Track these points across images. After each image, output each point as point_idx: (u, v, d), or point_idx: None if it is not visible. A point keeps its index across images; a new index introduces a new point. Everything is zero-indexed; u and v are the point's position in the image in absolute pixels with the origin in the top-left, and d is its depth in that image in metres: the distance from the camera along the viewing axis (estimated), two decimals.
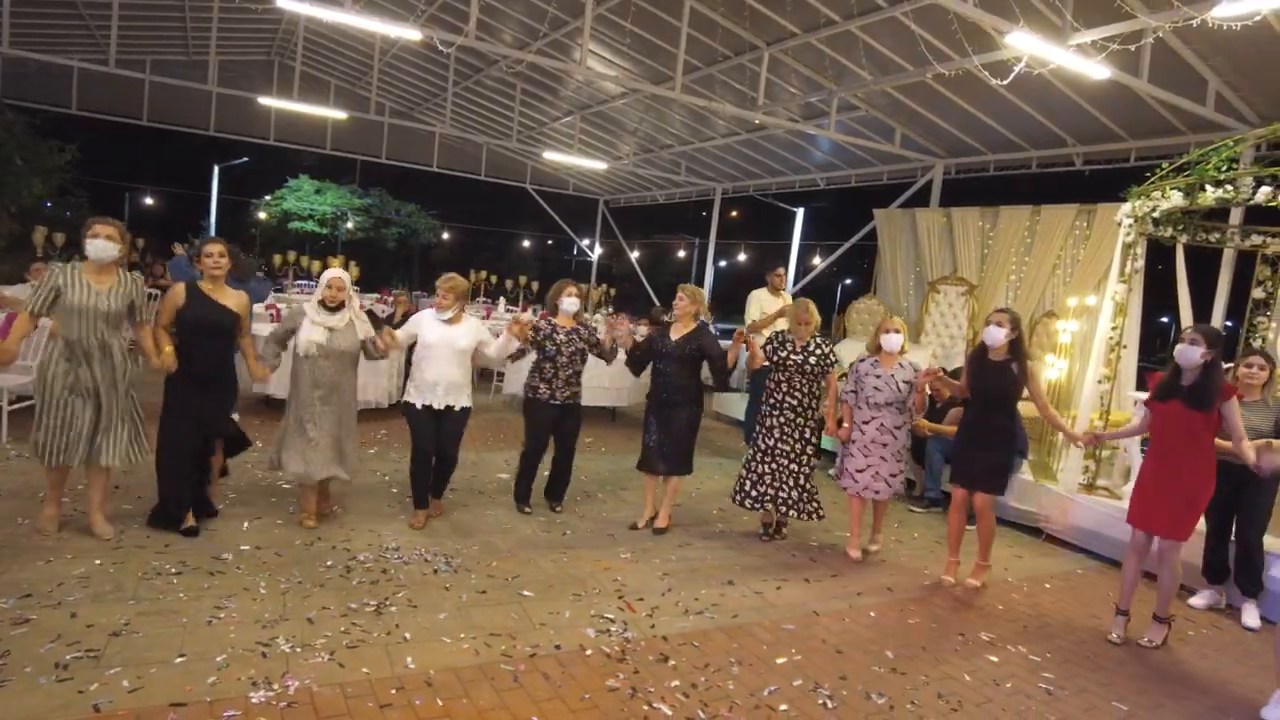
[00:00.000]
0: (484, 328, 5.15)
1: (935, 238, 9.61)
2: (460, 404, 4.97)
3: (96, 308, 4.04)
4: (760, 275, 8.64)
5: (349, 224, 25.11)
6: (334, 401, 4.64)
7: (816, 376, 5.20)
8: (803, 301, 5.35)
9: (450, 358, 4.91)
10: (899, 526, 6.09)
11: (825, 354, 5.18)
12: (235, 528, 4.58)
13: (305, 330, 4.56)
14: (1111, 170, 9.14)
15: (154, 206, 27.80)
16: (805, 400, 5.21)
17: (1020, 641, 4.15)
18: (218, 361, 4.46)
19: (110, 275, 4.13)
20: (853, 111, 10.13)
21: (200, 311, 4.36)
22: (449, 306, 4.94)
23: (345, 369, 4.69)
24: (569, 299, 5.40)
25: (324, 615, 3.59)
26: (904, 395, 5.11)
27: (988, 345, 4.72)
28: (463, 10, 9.52)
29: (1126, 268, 6.02)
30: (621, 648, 3.58)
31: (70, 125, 13.90)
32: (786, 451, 5.21)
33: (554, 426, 5.41)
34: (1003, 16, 5.96)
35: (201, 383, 4.37)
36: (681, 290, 5.41)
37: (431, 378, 4.90)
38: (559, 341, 5.30)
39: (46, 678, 2.87)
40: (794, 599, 4.41)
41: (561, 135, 15.41)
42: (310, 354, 4.54)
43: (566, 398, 5.34)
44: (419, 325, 5.01)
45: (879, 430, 5.14)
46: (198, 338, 4.36)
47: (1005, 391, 4.70)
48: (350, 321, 4.69)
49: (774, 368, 5.26)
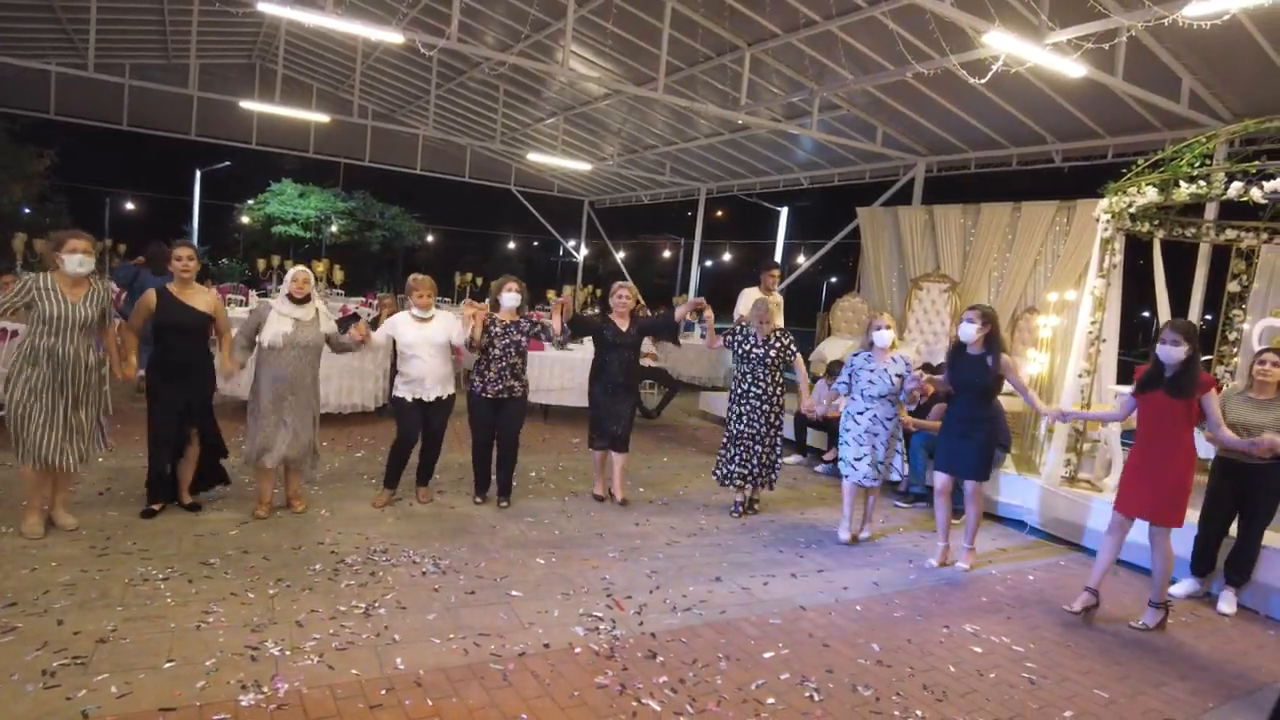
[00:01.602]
0: (455, 320, 5.39)
1: (918, 235, 9.70)
2: (448, 393, 5.33)
3: (73, 318, 4.17)
4: (746, 274, 8.68)
5: (333, 227, 25.00)
6: (296, 393, 4.81)
7: (777, 368, 5.69)
8: (761, 300, 5.85)
9: (433, 353, 5.23)
10: (884, 522, 6.15)
11: (785, 346, 5.71)
12: (222, 532, 4.57)
13: (272, 322, 4.74)
14: (1090, 167, 9.25)
15: (135, 212, 27.58)
16: (768, 389, 5.69)
17: (1003, 633, 4.21)
18: (191, 352, 4.70)
19: (83, 285, 4.26)
20: (834, 111, 10.20)
21: (171, 316, 4.61)
22: (426, 306, 5.28)
23: (308, 363, 4.87)
24: (509, 294, 5.42)
25: (313, 618, 3.59)
26: (897, 388, 5.35)
27: (963, 340, 4.95)
28: (445, 13, 9.52)
29: (1105, 263, 6.10)
30: (610, 645, 3.61)
31: (49, 130, 13.77)
32: (752, 435, 5.71)
33: (491, 420, 5.45)
34: (980, 16, 6.03)
35: (179, 370, 4.63)
36: (622, 286, 5.93)
37: (418, 374, 5.22)
38: (493, 334, 5.36)
39: (33, 685, 2.86)
40: (781, 594, 4.45)
41: (545, 137, 15.41)
42: (276, 345, 4.70)
43: (499, 391, 5.37)
44: (395, 328, 5.31)
45: (872, 420, 5.38)
46: (170, 336, 4.64)
47: (983, 383, 4.93)
48: (316, 315, 4.89)
49: (738, 361, 5.77)
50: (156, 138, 15.21)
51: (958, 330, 4.97)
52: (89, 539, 4.28)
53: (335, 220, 25.01)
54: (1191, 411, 4.22)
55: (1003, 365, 4.86)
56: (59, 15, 11.60)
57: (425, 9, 10.47)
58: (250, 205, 25.01)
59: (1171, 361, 4.20)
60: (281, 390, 4.77)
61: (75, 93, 13.60)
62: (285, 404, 4.79)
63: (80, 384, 4.23)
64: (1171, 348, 4.17)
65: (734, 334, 5.82)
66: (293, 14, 7.31)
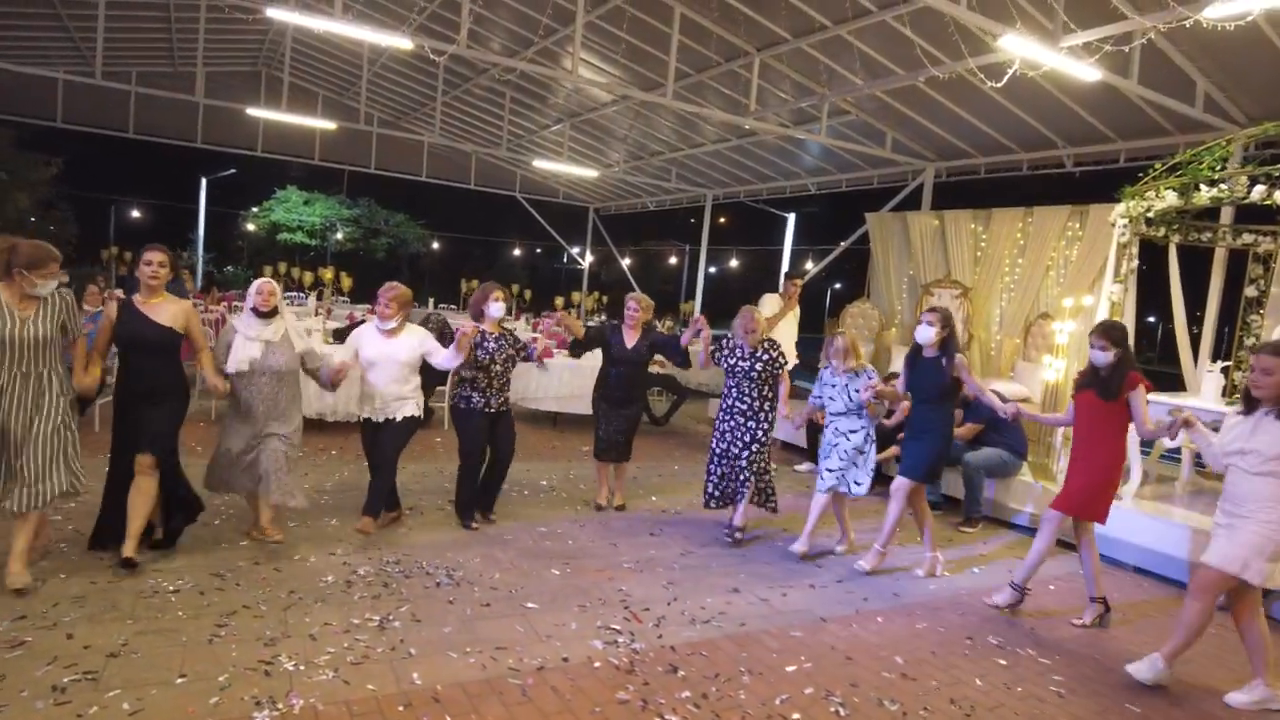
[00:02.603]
0: (429, 337, 4.94)
1: (928, 241, 9.65)
2: (401, 414, 4.79)
3: (23, 338, 3.58)
4: (755, 280, 8.64)
5: (338, 235, 25.00)
6: (270, 419, 4.37)
7: (764, 381, 5.28)
8: (749, 309, 5.38)
9: (391, 371, 4.74)
10: (901, 531, 6.04)
11: (773, 358, 5.27)
12: (232, 543, 4.51)
13: (237, 347, 4.28)
14: (1102, 171, 9.20)
15: (140, 220, 27.61)
16: (754, 404, 5.29)
17: (1029, 645, 4.13)
18: (156, 375, 4.09)
19: (36, 299, 3.67)
20: (843, 116, 10.16)
21: (132, 327, 4.04)
22: (391, 316, 4.77)
23: (282, 389, 4.41)
24: (496, 304, 5.20)
25: (326, 631, 3.53)
26: (855, 404, 5.13)
27: (920, 343, 4.91)
28: (453, 20, 9.51)
29: (1122, 268, 6.04)
30: (630, 659, 3.53)
31: (55, 138, 13.75)
32: (738, 454, 5.31)
33: (489, 435, 5.25)
34: (995, 19, 5.97)
35: (144, 397, 4.05)
36: (634, 299, 5.73)
37: (370, 390, 4.78)
38: (490, 349, 5.12)
39: (44, 702, 2.80)
40: (801, 606, 4.37)
41: (551, 143, 15.38)
42: (243, 370, 4.27)
43: (500, 404, 5.23)
44: (359, 340, 4.83)
45: (834, 434, 5.21)
46: (133, 354, 4.08)
47: (937, 384, 4.89)
48: (285, 334, 4.43)
49: (725, 375, 5.42)
50: (162, 145, 15.19)
51: (915, 332, 4.92)
52: (98, 551, 4.21)
53: (340, 227, 25.00)
54: (1122, 412, 4.27)
55: (957, 366, 4.80)
56: (66, 23, 11.60)
57: (433, 15, 10.45)
58: (255, 213, 25.01)
59: (1101, 364, 4.28)
60: (256, 419, 4.32)
61: (82, 100, 13.55)
62: (258, 440, 4.33)
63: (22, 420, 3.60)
64: (1099, 352, 4.27)
65: (720, 347, 5.44)
66: (302, 20, 7.29)
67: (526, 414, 9.21)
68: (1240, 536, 3.54)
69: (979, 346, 8.95)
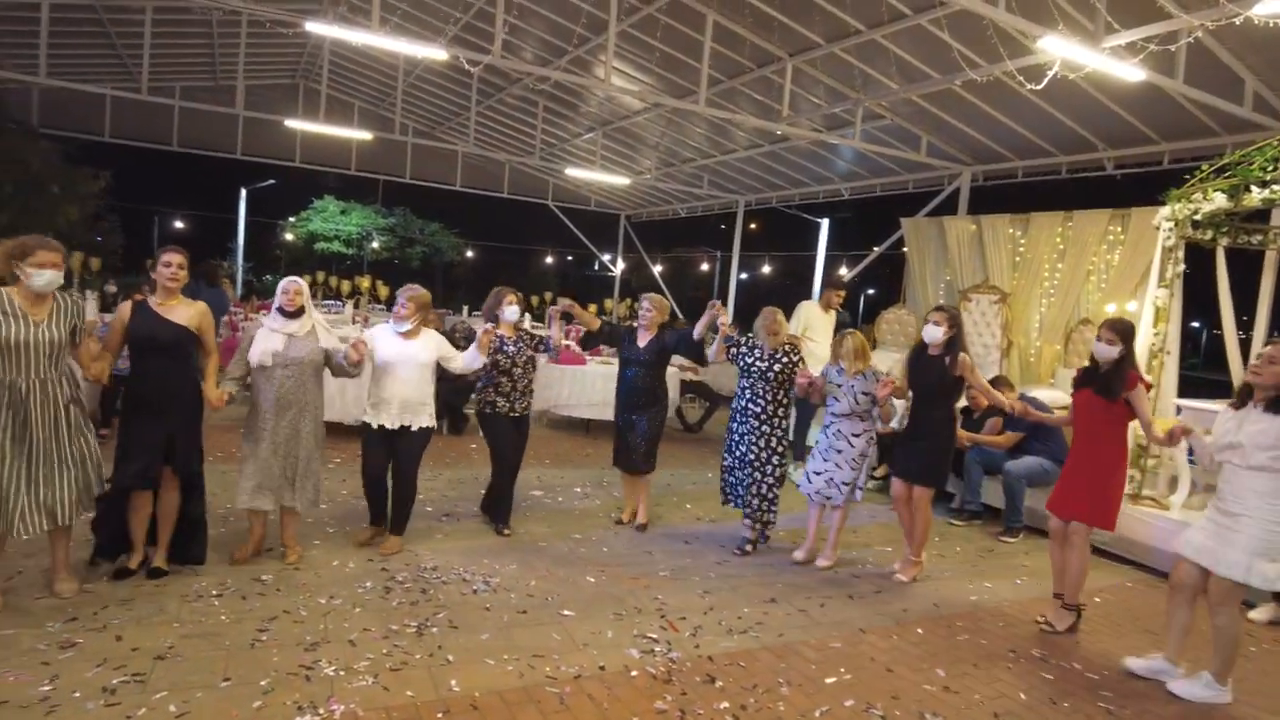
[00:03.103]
0: (445, 342, 4.87)
1: (965, 246, 9.51)
2: (418, 424, 4.63)
3: (37, 342, 3.48)
4: (788, 286, 8.59)
5: (374, 244, 25.34)
6: (292, 419, 4.25)
7: (780, 385, 5.16)
8: (772, 310, 5.29)
9: (411, 374, 4.61)
10: (939, 540, 5.97)
11: (791, 362, 5.15)
12: (274, 548, 4.56)
13: (260, 339, 4.22)
14: (1144, 174, 9.00)
15: (183, 230, 28.23)
16: (769, 408, 5.15)
17: (1074, 659, 4.03)
18: (171, 382, 3.95)
19: (47, 299, 3.57)
20: (877, 120, 10.07)
21: (147, 329, 3.89)
22: (408, 317, 4.66)
23: (306, 382, 4.28)
24: (510, 307, 5.17)
25: (365, 637, 3.56)
26: (863, 405, 5.04)
27: (926, 342, 4.84)
28: (487, 30, 9.61)
29: (1167, 272, 5.90)
30: (667, 669, 3.51)
31: (103, 152, 14.17)
32: (752, 460, 5.17)
33: (517, 440, 5.25)
34: (1035, 21, 5.88)
35: (156, 406, 3.91)
36: (648, 299, 5.53)
37: (386, 395, 4.59)
38: (510, 353, 5.10)
39: (94, 703, 2.85)
40: (839, 617, 4.32)
41: (583, 151, 15.46)
42: (265, 363, 4.17)
43: (524, 408, 5.23)
44: (374, 341, 4.65)
45: (835, 436, 5.11)
46: (147, 357, 3.93)
47: (942, 384, 4.82)
48: (312, 329, 4.34)
49: (740, 375, 5.28)
50: (204, 157, 15.56)
51: (923, 332, 4.85)
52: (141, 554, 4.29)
53: (376, 237, 25.35)
54: (1122, 412, 4.20)
55: (960, 365, 4.70)
56: (115, 41, 11.94)
57: (467, 26, 10.57)
58: (293, 222, 25.46)
59: (1105, 359, 4.21)
60: (277, 418, 4.21)
61: (128, 115, 13.98)
62: (281, 435, 4.23)
63: (46, 429, 3.54)
64: (1105, 345, 4.19)
65: (738, 345, 5.28)
66: (340, 33, 7.41)
67: (560, 420, 9.25)
68: (1239, 540, 3.46)
69: (1018, 353, 8.79)
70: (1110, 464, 4.26)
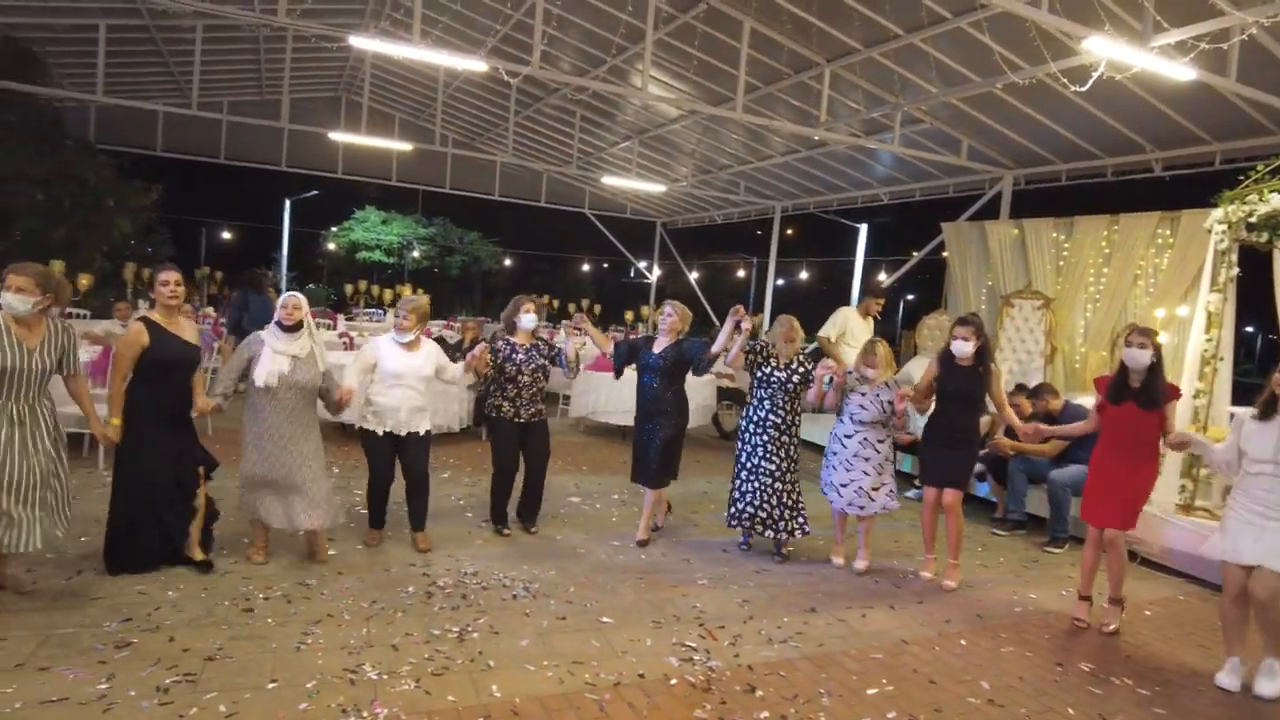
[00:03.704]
0: (441, 352, 5.02)
1: (1007, 251, 9.34)
2: (424, 428, 4.85)
3: (28, 369, 3.54)
4: (826, 292, 8.53)
5: (414, 253, 25.72)
6: (295, 436, 4.35)
7: (798, 394, 5.16)
8: (788, 318, 5.27)
9: (416, 383, 4.82)
10: (983, 550, 5.87)
11: (808, 370, 5.15)
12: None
13: (266, 360, 4.27)
14: (1194, 175, 8.78)
15: (229, 241, 28.97)
16: (788, 418, 5.16)
17: (1124, 673, 3.92)
18: (184, 395, 4.18)
19: (40, 327, 3.64)
20: (917, 125, 9.97)
21: (166, 350, 4.06)
22: (410, 329, 4.81)
23: (305, 404, 4.41)
24: (527, 315, 5.27)
25: (407, 642, 3.60)
26: (887, 414, 5.09)
27: (957, 356, 4.87)
28: (525, 42, 9.72)
29: (1220, 276, 5.74)
30: (706, 677, 3.50)
31: (154, 165, 14.65)
32: (770, 470, 5.12)
33: (520, 445, 5.30)
34: (1079, 21, 5.78)
35: (171, 420, 4.12)
36: (671, 305, 5.41)
37: (394, 403, 4.73)
38: (519, 361, 5.19)
39: (149, 701, 2.94)
40: (880, 627, 4.26)
41: (619, 160, 15.54)
42: (271, 385, 4.24)
43: (531, 415, 5.25)
44: (378, 353, 4.79)
45: (861, 444, 5.10)
46: (167, 377, 4.08)
47: (973, 393, 4.93)
48: (311, 351, 4.43)
49: (755, 384, 5.25)
50: (250, 169, 16.04)
51: (952, 346, 4.86)
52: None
53: (417, 246, 25.73)
54: (1156, 420, 4.27)
55: (990, 375, 4.87)
56: (167, 60, 12.34)
57: (506, 38, 10.71)
58: (335, 232, 25.96)
59: (1138, 365, 4.24)
60: (280, 436, 4.30)
61: (178, 130, 14.47)
62: (287, 451, 4.30)
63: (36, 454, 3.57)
64: (1139, 351, 4.23)
65: (754, 352, 5.19)
66: (383, 48, 7.56)
67: (598, 427, 9.28)
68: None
69: (1062, 359, 8.61)
70: (1149, 474, 4.39)
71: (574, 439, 8.98)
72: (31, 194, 11.23)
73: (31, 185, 11.18)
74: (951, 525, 4.97)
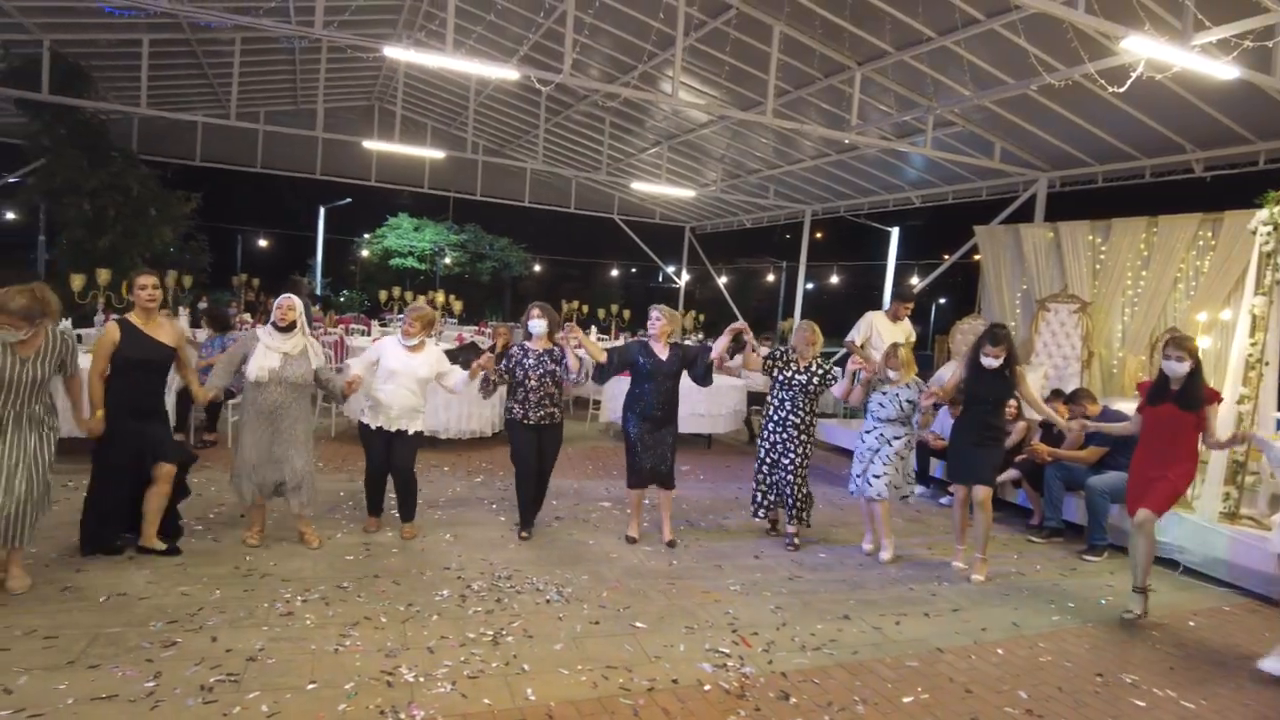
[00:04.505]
0: (444, 359, 5.31)
1: (1042, 254, 9.22)
2: (413, 428, 5.11)
3: (20, 378, 3.71)
4: (857, 296, 8.49)
5: (446, 259, 25.96)
6: (284, 429, 4.63)
7: (816, 396, 5.54)
8: (808, 323, 5.64)
9: (410, 384, 5.05)
10: (1019, 558, 5.79)
11: (825, 373, 5.52)
12: (356, 555, 4.73)
13: (258, 356, 4.56)
14: (1237, 175, 8.58)
15: (266, 248, 29.46)
16: (806, 418, 5.54)
17: (1168, 685, 3.85)
18: (155, 392, 4.49)
19: (36, 339, 3.77)
20: (949, 127, 9.87)
21: (138, 349, 4.33)
22: (414, 335, 5.11)
23: (297, 397, 4.69)
24: (534, 321, 5.43)
25: (443, 645, 3.65)
26: (907, 413, 5.43)
27: (986, 368, 5.08)
28: (556, 50, 9.79)
29: (1265, 278, 5.61)
30: (740, 684, 3.50)
31: (194, 176, 14.99)
32: (788, 465, 5.53)
33: (536, 446, 5.41)
34: (1117, 21, 5.69)
35: (137, 415, 4.36)
36: (657, 309, 5.55)
37: (386, 401, 5.02)
38: (527, 366, 5.33)
39: (194, 699, 3.01)
40: (915, 634, 4.23)
41: (648, 165, 15.57)
42: (261, 380, 4.53)
43: (540, 418, 5.35)
44: (382, 351, 5.12)
45: (878, 439, 5.50)
46: (136, 374, 4.35)
47: (999, 396, 5.15)
48: (304, 349, 4.70)
49: (776, 386, 5.59)
50: (285, 178, 16.34)
51: (981, 360, 5.08)
52: (231, 559, 4.52)
53: (448, 252, 25.97)
54: (1200, 420, 4.49)
55: (1016, 377, 5.08)
56: (207, 72, 12.62)
57: (537, 46, 10.80)
58: (369, 239, 26.29)
59: (1177, 375, 4.48)
60: (268, 427, 4.60)
61: (216, 140, 14.80)
62: (273, 439, 4.62)
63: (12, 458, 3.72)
64: (1176, 363, 4.46)
65: (774, 358, 5.58)
66: (416, 57, 7.66)
67: None
68: None
69: (1100, 364, 8.47)
70: (1190, 467, 4.60)
71: (605, 444, 9.01)
72: (80, 204, 11.55)
73: (81, 196, 11.51)
74: (980, 520, 5.17)
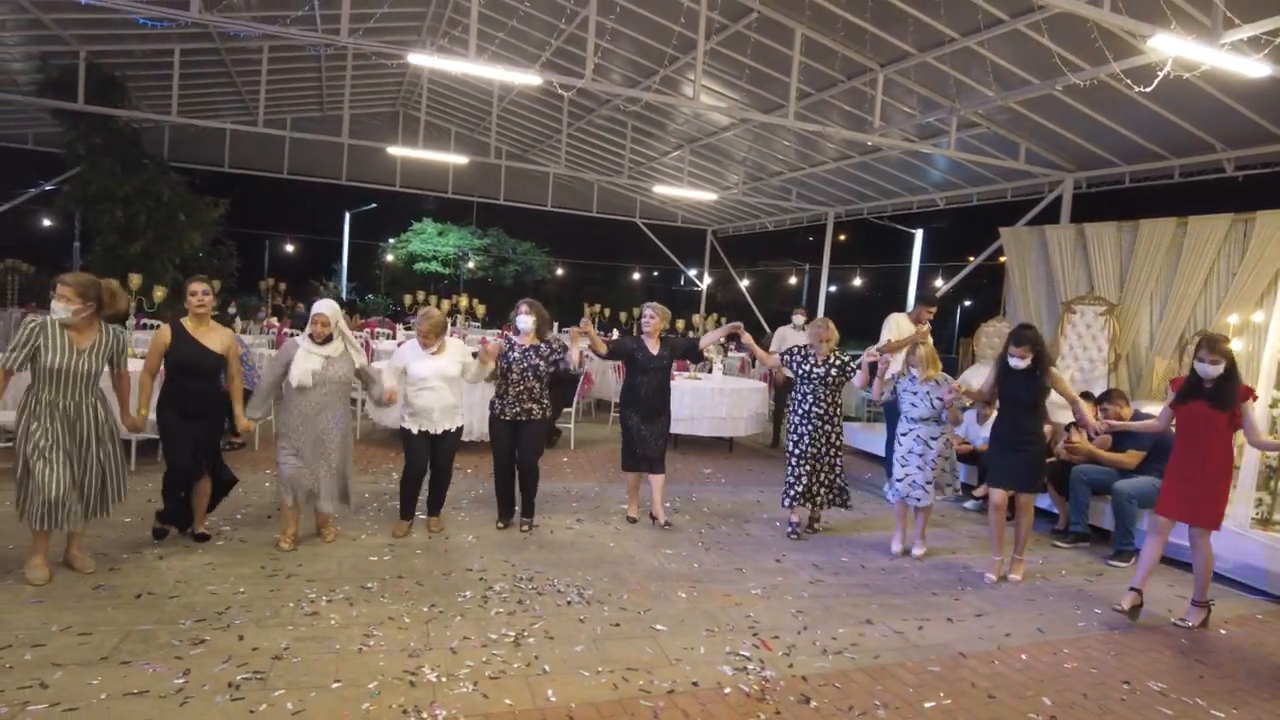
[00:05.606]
0: (466, 350, 5.39)
1: (1068, 255, 9.11)
2: (455, 425, 5.26)
3: (77, 369, 3.93)
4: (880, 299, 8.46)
5: (470, 263, 26.15)
6: (325, 428, 4.71)
7: (837, 387, 5.80)
8: (823, 319, 5.94)
9: (443, 386, 5.16)
10: (1043, 563, 5.72)
11: (844, 365, 5.77)
12: (377, 555, 4.79)
13: (300, 360, 4.63)
14: (1271, 174, 8.43)
15: (292, 253, 29.85)
16: (829, 409, 5.80)
17: (1197, 694, 3.78)
18: (204, 397, 4.61)
19: (91, 332, 4.01)
20: (973, 129, 9.79)
21: (185, 354, 4.50)
22: (430, 343, 5.15)
23: (339, 397, 4.79)
24: (522, 317, 5.54)
25: (465, 645, 3.68)
26: (938, 410, 5.50)
27: (1013, 369, 5.07)
28: (578, 55, 9.85)
29: None
30: (761, 687, 3.49)
31: (222, 181, 15.27)
32: (816, 455, 5.76)
33: (511, 442, 5.51)
34: (1144, 19, 5.62)
35: (191, 416, 4.54)
36: (650, 307, 5.93)
37: (426, 405, 5.12)
38: (511, 360, 5.43)
39: (222, 697, 3.06)
40: (937, 639, 4.19)
41: (670, 169, 15.60)
42: (305, 384, 4.60)
43: (516, 414, 5.44)
44: (405, 360, 5.20)
45: (915, 440, 5.56)
46: (184, 378, 4.53)
47: (1032, 398, 5.09)
48: (345, 351, 4.80)
49: (798, 380, 5.82)
50: (311, 183, 16.58)
51: (1009, 361, 5.06)
52: (258, 559, 4.59)
53: (472, 257, 26.16)
54: (1233, 418, 4.42)
55: (1050, 378, 5.04)
56: (235, 80, 12.85)
57: (559, 51, 10.86)
58: (393, 244, 26.56)
59: (1210, 377, 4.44)
60: (313, 429, 4.68)
61: (244, 147, 15.06)
62: (319, 443, 4.70)
63: (80, 442, 3.98)
64: (1209, 365, 4.41)
65: (793, 354, 5.89)
66: (440, 64, 7.75)
67: None
68: None
69: (1127, 367, 8.35)
70: (1225, 468, 4.51)
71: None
72: (114, 211, 11.80)
73: (114, 202, 11.76)
74: (1021, 522, 5.21)
